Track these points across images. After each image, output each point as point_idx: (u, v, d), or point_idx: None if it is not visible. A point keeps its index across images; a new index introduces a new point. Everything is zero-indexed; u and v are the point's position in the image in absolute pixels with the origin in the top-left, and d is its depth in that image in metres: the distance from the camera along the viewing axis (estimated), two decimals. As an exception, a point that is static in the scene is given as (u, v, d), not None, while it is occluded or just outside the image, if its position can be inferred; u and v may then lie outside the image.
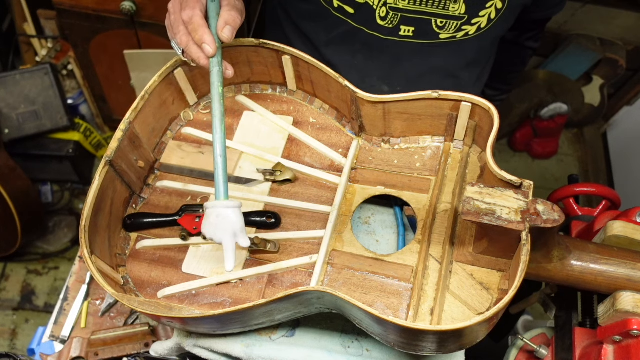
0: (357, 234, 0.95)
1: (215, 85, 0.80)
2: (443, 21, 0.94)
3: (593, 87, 2.42)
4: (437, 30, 0.95)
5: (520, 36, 1.19)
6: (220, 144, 0.79)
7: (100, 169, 0.85)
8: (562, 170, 2.55)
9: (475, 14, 0.94)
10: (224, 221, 0.76)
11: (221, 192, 0.78)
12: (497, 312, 0.67)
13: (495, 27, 0.97)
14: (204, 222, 0.78)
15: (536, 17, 1.09)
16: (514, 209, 0.71)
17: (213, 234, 0.77)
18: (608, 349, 0.81)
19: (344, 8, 0.95)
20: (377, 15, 0.94)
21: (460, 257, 0.83)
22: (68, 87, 2.29)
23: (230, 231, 0.77)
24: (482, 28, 0.96)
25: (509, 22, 0.99)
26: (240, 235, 0.78)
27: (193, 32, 0.79)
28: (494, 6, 0.93)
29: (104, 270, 0.82)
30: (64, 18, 1.80)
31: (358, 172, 0.95)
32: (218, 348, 0.89)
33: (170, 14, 0.83)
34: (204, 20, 0.79)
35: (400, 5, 0.93)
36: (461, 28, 0.95)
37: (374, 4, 0.93)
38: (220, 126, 0.79)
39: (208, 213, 0.78)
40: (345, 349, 0.90)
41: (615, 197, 1.08)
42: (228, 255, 0.77)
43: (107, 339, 0.99)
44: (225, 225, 0.77)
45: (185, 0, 0.80)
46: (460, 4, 0.92)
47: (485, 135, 0.87)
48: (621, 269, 0.77)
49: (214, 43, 0.79)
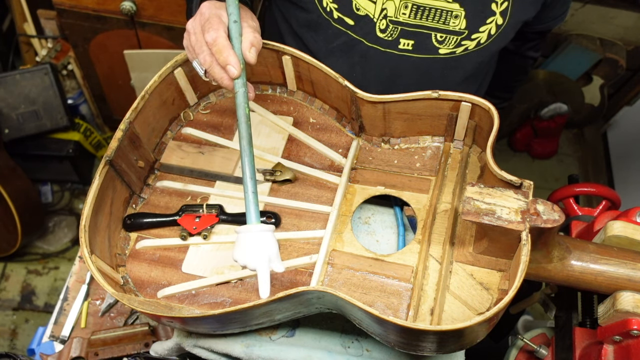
0: (357, 234, 0.95)
1: (241, 107, 0.79)
2: (443, 36, 0.95)
3: (593, 87, 2.42)
4: (437, 45, 0.95)
5: (522, 46, 1.19)
6: (250, 166, 0.76)
7: (100, 169, 0.85)
8: (562, 170, 2.55)
9: (475, 29, 0.94)
10: (259, 246, 0.73)
11: (252, 215, 0.74)
12: (497, 312, 0.67)
13: (495, 43, 0.97)
14: (237, 247, 0.74)
15: (537, 29, 1.09)
16: (514, 209, 0.71)
17: (247, 260, 0.73)
18: (608, 349, 0.81)
19: (343, 19, 0.95)
20: (377, 27, 0.95)
21: (460, 257, 0.83)
22: (68, 87, 2.30)
23: (265, 257, 0.73)
24: (481, 43, 0.96)
25: (508, 37, 0.99)
26: (275, 260, 0.74)
27: (217, 54, 0.78)
28: (495, 22, 0.94)
29: (104, 270, 0.82)
30: (64, 18, 1.81)
31: (358, 172, 0.95)
32: (218, 348, 0.89)
33: (191, 35, 0.82)
34: (228, 42, 0.79)
35: (400, 18, 0.93)
36: (461, 43, 0.95)
37: (374, 16, 0.93)
38: (249, 148, 0.77)
39: (241, 238, 0.74)
40: (345, 349, 0.90)
41: (615, 197, 1.08)
42: (263, 282, 0.73)
43: (107, 339, 0.99)
44: (260, 250, 0.73)
45: (208, 22, 0.79)
46: (460, 19, 0.92)
47: (485, 135, 0.87)
48: (621, 269, 0.77)
49: (239, 64, 0.79)
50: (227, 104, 1.04)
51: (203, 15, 0.81)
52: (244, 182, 0.76)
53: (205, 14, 0.81)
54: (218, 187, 0.97)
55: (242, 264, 0.74)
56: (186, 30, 0.83)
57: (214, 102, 1.05)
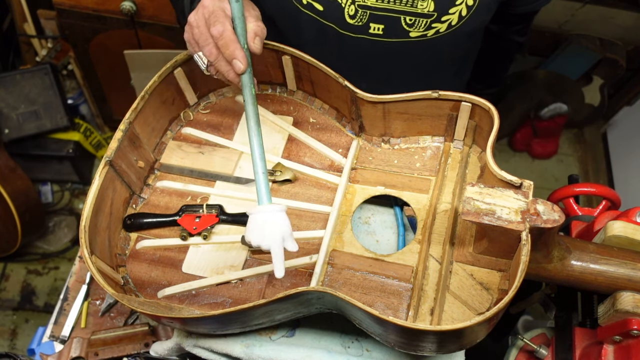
0: (357, 234, 0.95)
1: (247, 87, 0.78)
2: (412, 19, 0.93)
3: (593, 87, 2.42)
4: (407, 29, 0.94)
5: (506, 30, 1.17)
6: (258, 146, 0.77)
7: (100, 169, 0.85)
8: (562, 170, 2.55)
9: (444, 11, 0.93)
10: (272, 226, 0.73)
11: (263, 195, 0.75)
12: (497, 312, 0.67)
13: (467, 25, 0.95)
14: (249, 228, 0.74)
15: (521, 11, 1.08)
16: (514, 209, 0.71)
17: (260, 240, 0.73)
18: (608, 349, 0.81)
19: (312, 5, 0.94)
20: (346, 13, 0.94)
21: (460, 257, 0.83)
22: (68, 87, 2.30)
23: (279, 236, 0.73)
24: (452, 26, 0.95)
25: (482, 19, 0.97)
26: (288, 239, 0.74)
27: (223, 48, 0.77)
28: (464, 3, 0.92)
29: (104, 270, 0.82)
30: (64, 18, 1.81)
31: (358, 172, 0.95)
32: (218, 348, 0.89)
33: (193, 28, 0.81)
34: (235, 36, 0.78)
35: (368, 2, 0.92)
36: (431, 26, 0.94)
37: (342, 1, 0.92)
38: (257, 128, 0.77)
39: (253, 219, 0.74)
40: (345, 349, 0.90)
41: (615, 197, 1.08)
42: (277, 262, 0.73)
43: (107, 339, 0.99)
44: (274, 230, 0.73)
45: (213, 15, 0.78)
46: (428, 2, 0.91)
47: (485, 135, 0.87)
48: (621, 269, 0.77)
49: (245, 59, 0.78)
50: (227, 104, 1.04)
51: (206, 7, 0.79)
52: (254, 162, 0.76)
53: (208, 6, 0.79)
54: (218, 187, 0.96)
55: (256, 245, 0.74)
56: (188, 23, 0.82)
57: (214, 102, 1.05)
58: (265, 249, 0.73)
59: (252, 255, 0.89)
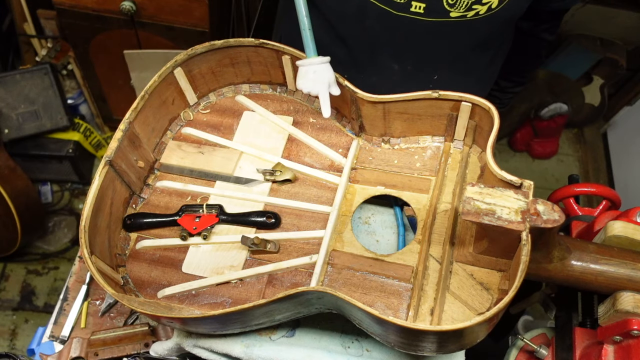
0: (357, 234, 0.95)
1: None
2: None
3: (593, 87, 2.42)
4: (448, 8, 0.95)
5: (536, 27, 1.17)
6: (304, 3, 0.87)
7: (100, 169, 0.84)
8: (562, 170, 2.54)
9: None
10: (321, 75, 0.87)
11: (311, 49, 0.87)
12: (497, 312, 0.67)
13: (506, 9, 0.96)
14: (300, 77, 0.89)
15: (553, 8, 1.08)
16: (514, 209, 0.71)
17: (312, 87, 0.88)
18: (608, 349, 0.81)
19: None
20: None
21: (460, 257, 0.83)
22: (68, 87, 2.30)
23: (326, 82, 0.88)
24: (492, 9, 0.95)
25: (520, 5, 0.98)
26: (333, 85, 0.89)
27: None
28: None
29: (104, 270, 0.82)
30: (64, 18, 1.80)
31: (358, 172, 0.95)
32: (218, 348, 0.89)
33: None
34: None
35: None
36: (471, 7, 0.94)
37: None
38: None
39: (304, 70, 0.89)
40: (345, 349, 0.90)
41: (615, 197, 1.08)
42: (324, 103, 0.88)
43: (107, 339, 0.99)
44: (322, 77, 0.88)
45: None
46: None
47: (485, 135, 0.87)
48: (621, 269, 0.77)
49: None
50: (227, 104, 1.04)
51: None
52: (300, 19, 0.87)
53: None
54: (218, 187, 0.96)
55: (307, 91, 0.89)
56: None
57: (214, 102, 1.05)
58: (315, 93, 0.89)
59: (252, 255, 0.89)
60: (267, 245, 0.86)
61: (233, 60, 0.98)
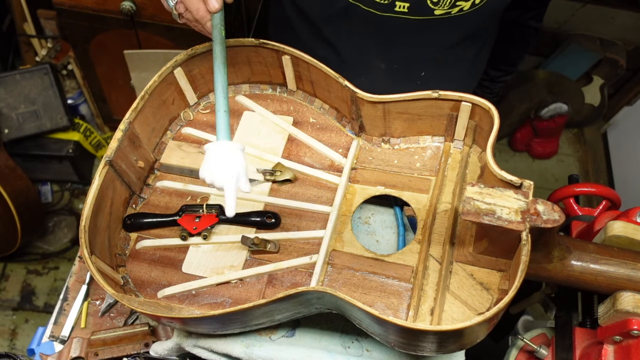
0: (357, 234, 0.95)
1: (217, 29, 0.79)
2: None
3: (593, 87, 2.42)
4: (432, 6, 0.94)
5: (523, 15, 1.16)
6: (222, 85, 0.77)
7: (100, 169, 0.85)
8: (562, 170, 2.54)
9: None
10: (227, 163, 0.72)
11: (222, 132, 0.73)
12: (497, 312, 0.67)
13: (490, 4, 0.96)
14: (204, 163, 0.73)
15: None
16: (514, 209, 0.71)
17: (214, 177, 0.72)
18: (608, 349, 0.81)
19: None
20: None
21: (460, 257, 0.83)
22: (68, 87, 2.30)
23: (233, 174, 0.72)
24: (476, 4, 0.95)
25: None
26: (242, 179, 0.73)
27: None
28: None
29: (104, 270, 0.82)
30: (64, 18, 1.80)
31: (358, 172, 0.95)
32: (218, 348, 0.89)
33: None
34: None
35: None
36: (455, 4, 0.94)
37: None
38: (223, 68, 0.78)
39: (208, 155, 0.73)
40: (345, 349, 0.90)
41: (615, 197, 1.08)
42: (229, 200, 0.72)
43: (107, 339, 0.99)
44: (228, 167, 0.72)
45: None
46: None
47: (485, 135, 0.87)
48: (621, 269, 0.77)
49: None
50: (227, 104, 1.04)
51: None
52: (216, 99, 0.75)
53: None
54: (218, 187, 0.96)
55: (209, 182, 0.73)
56: None
57: (214, 102, 1.05)
58: (218, 186, 0.72)
59: (252, 255, 0.89)
60: (267, 245, 0.86)
61: (233, 60, 0.98)
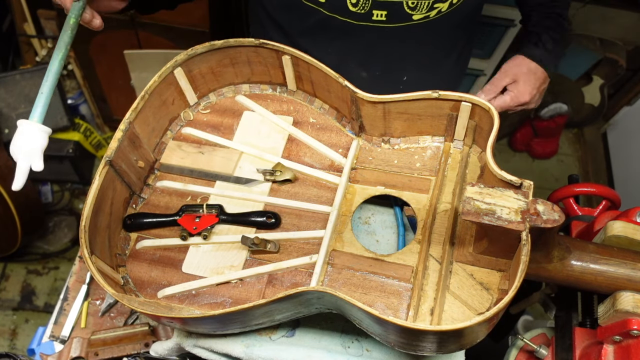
0: (357, 234, 0.95)
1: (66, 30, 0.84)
2: (414, 1, 0.93)
3: (593, 87, 2.42)
4: (410, 12, 0.94)
5: None
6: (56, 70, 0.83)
7: (100, 169, 0.85)
8: (562, 170, 2.55)
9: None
10: (24, 140, 0.78)
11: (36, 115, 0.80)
12: (497, 312, 0.67)
13: (467, 3, 0.96)
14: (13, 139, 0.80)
15: None
16: (514, 209, 0.71)
17: (15, 152, 0.79)
18: (608, 349, 0.81)
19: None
20: (348, 2, 0.94)
21: (460, 257, 0.83)
22: (68, 87, 2.30)
23: (29, 153, 0.78)
24: (454, 4, 0.95)
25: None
26: (37, 158, 0.80)
27: None
28: None
29: (104, 270, 0.82)
30: (64, 18, 1.80)
31: (358, 172, 0.95)
32: (218, 348, 0.89)
33: None
34: None
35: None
36: (433, 6, 0.94)
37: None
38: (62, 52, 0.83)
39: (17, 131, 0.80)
40: (345, 349, 0.90)
41: (615, 197, 1.08)
42: (19, 174, 0.78)
43: (107, 339, 0.99)
44: (25, 144, 0.78)
45: None
46: None
47: (485, 135, 0.87)
48: (621, 269, 0.77)
49: None
50: (227, 104, 1.04)
51: None
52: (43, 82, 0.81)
53: None
54: (218, 187, 0.96)
55: (11, 154, 0.79)
56: None
57: (214, 102, 1.05)
58: (15, 159, 0.79)
59: (252, 255, 0.89)
60: (267, 245, 0.86)
61: (233, 60, 0.98)
